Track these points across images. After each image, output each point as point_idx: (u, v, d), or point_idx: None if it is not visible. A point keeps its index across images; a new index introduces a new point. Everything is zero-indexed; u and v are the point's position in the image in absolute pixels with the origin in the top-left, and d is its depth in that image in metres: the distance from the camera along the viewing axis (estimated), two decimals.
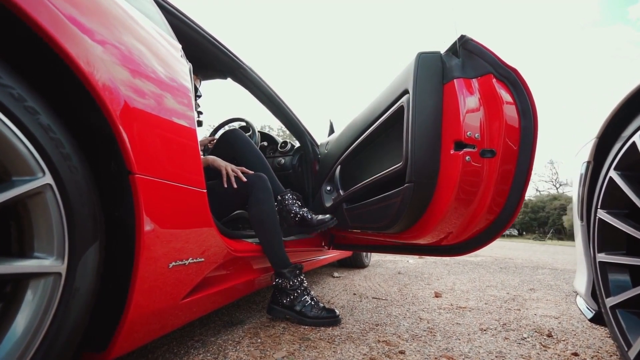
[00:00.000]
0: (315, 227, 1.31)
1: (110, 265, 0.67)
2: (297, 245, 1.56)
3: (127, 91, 0.62)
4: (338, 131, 1.71)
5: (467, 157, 0.91)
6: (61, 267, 0.51)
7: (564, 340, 1.07)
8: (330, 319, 1.19)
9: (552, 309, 1.52)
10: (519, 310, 1.48)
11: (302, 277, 1.23)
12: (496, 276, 2.59)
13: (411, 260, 3.46)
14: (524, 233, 28.57)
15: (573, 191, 1.02)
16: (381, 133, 1.22)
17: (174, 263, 0.73)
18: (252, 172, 1.29)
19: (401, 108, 1.04)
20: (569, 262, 4.24)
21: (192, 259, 0.80)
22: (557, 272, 3.02)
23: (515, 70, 0.90)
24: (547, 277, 2.65)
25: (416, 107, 0.97)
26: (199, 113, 1.99)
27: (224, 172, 1.22)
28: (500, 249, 6.54)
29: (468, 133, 0.91)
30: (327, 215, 1.35)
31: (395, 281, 2.19)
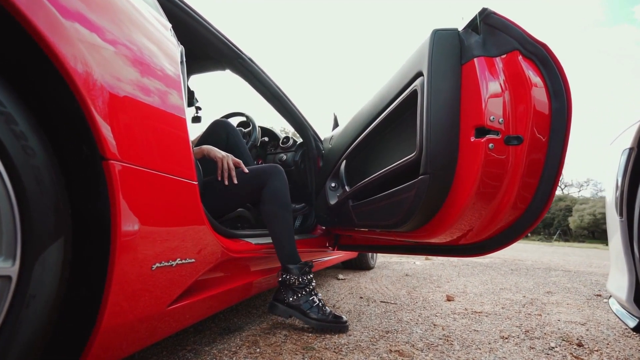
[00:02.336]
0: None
1: (84, 267, 0.58)
2: (300, 246, 1.47)
3: (99, 62, 0.53)
4: (343, 124, 1.62)
5: (490, 145, 0.81)
6: (11, 269, 0.42)
7: (597, 351, 0.96)
8: (337, 324, 1.09)
9: (575, 314, 1.41)
10: (540, 315, 1.37)
11: (311, 275, 1.13)
12: (508, 278, 2.47)
13: (418, 262, 3.35)
14: (529, 234, 28.31)
15: (608, 183, 0.92)
16: (392, 122, 1.12)
17: (158, 264, 0.64)
18: (247, 170, 1.18)
19: (414, 92, 0.94)
20: (581, 263, 4.11)
21: (181, 260, 0.71)
22: (571, 274, 2.89)
23: (545, 46, 0.79)
24: (562, 279, 2.53)
25: (431, 91, 0.87)
26: (198, 109, 1.91)
27: (219, 164, 1.12)
28: (508, 250, 6.39)
29: (491, 118, 0.81)
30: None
31: (403, 284, 2.08)
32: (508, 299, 1.70)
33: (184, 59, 0.92)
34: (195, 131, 1.63)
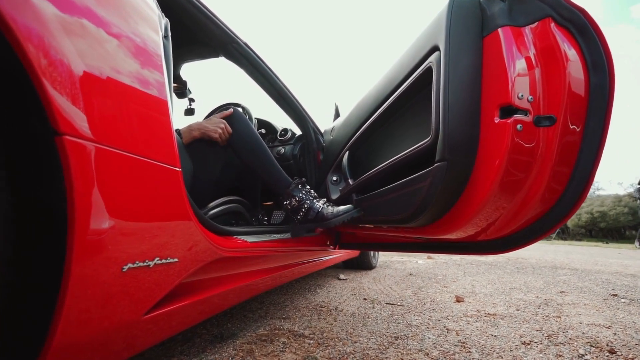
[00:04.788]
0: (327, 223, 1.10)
1: (40, 270, 0.47)
2: (298, 244, 1.36)
3: (50, 16, 0.42)
4: (345, 114, 1.51)
5: (518, 126, 0.71)
6: None
7: (632, 359, 0.87)
8: (352, 210, 1.09)
9: (596, 315, 1.31)
10: (559, 317, 1.27)
11: (307, 188, 1.17)
12: (516, 277, 2.37)
13: (420, 261, 3.25)
14: None
15: None
16: (402, 105, 1.02)
17: (130, 264, 0.53)
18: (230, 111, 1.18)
19: (429, 70, 0.84)
20: (586, 262, 4.03)
21: (160, 260, 0.60)
22: (579, 272, 2.80)
23: (583, 11, 0.69)
24: (571, 278, 2.44)
25: (449, 67, 0.77)
26: (191, 100, 1.80)
27: (221, 141, 1.11)
28: None
29: (519, 95, 0.71)
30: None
31: (408, 284, 1.98)
32: (520, 299, 1.61)
33: (169, 34, 0.81)
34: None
